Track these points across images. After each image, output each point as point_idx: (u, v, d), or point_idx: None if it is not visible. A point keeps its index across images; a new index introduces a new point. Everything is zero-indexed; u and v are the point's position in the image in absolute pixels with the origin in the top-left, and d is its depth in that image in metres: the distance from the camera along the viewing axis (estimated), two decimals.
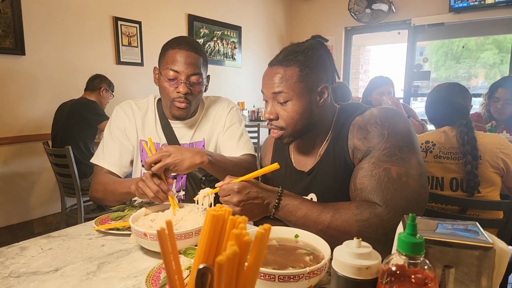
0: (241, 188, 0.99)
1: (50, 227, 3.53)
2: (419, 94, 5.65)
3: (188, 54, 1.35)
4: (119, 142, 1.47)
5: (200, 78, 1.38)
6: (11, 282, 0.87)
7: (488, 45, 5.67)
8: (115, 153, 1.47)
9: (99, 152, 1.48)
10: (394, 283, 0.56)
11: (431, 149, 1.78)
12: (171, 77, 1.35)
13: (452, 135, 1.75)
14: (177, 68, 1.34)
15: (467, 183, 1.68)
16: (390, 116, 1.07)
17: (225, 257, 0.37)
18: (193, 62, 1.35)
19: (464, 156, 1.68)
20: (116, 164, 1.46)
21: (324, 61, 1.11)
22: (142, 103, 1.54)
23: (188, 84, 1.36)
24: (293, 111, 1.08)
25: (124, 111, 1.50)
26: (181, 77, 1.35)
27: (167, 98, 1.40)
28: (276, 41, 6.25)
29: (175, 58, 1.34)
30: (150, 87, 4.51)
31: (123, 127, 1.49)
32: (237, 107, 1.62)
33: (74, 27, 3.55)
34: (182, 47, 1.35)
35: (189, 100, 1.39)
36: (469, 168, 1.66)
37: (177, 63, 1.34)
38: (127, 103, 1.53)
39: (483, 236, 0.62)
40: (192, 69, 1.35)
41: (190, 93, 1.38)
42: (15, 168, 3.28)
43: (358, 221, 0.95)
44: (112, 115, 1.52)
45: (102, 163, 1.46)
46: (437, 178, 1.75)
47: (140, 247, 1.06)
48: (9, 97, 3.17)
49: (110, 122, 1.51)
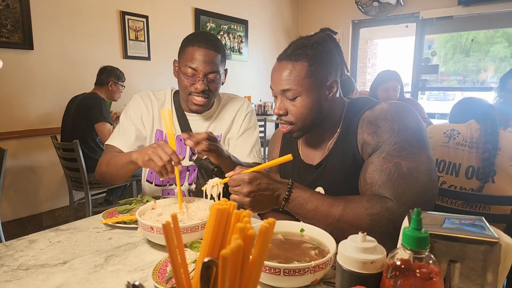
0: (252, 179, 0.99)
1: (59, 220, 3.57)
2: (427, 88, 5.60)
3: (206, 52, 1.36)
4: (135, 126, 1.49)
5: (217, 75, 1.40)
6: (20, 274, 0.88)
7: (498, 38, 5.59)
8: (131, 134, 1.48)
9: (115, 134, 1.50)
10: (399, 278, 0.56)
11: (455, 136, 1.83)
12: (189, 74, 1.37)
13: (476, 128, 1.80)
14: (196, 66, 1.36)
15: (483, 170, 1.70)
16: (400, 111, 1.06)
17: (229, 250, 0.37)
18: (211, 60, 1.37)
19: (485, 145, 1.73)
20: (130, 146, 1.46)
21: (333, 55, 1.10)
22: (160, 94, 1.56)
23: (206, 81, 1.38)
24: (302, 106, 1.08)
25: (143, 100, 1.52)
26: (199, 75, 1.37)
27: (185, 92, 1.42)
28: (282, 35, 6.22)
29: (194, 55, 1.36)
30: (157, 81, 4.54)
31: (140, 114, 1.50)
32: (253, 111, 1.64)
33: (82, 21, 3.57)
34: (202, 44, 1.36)
35: (207, 95, 1.41)
36: (486, 155, 1.70)
37: (196, 61, 1.36)
38: (146, 93, 1.55)
39: (489, 231, 0.61)
40: (210, 67, 1.37)
41: (208, 89, 1.40)
42: (24, 162, 3.32)
43: (369, 214, 0.94)
44: (130, 102, 1.54)
45: (116, 143, 1.47)
46: (454, 164, 1.78)
47: (147, 240, 1.07)
48: (17, 92, 3.20)
49: (128, 108, 1.53)
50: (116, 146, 1.46)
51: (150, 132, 1.51)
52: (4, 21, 3.03)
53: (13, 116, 3.19)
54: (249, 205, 0.99)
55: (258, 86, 5.75)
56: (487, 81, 5.74)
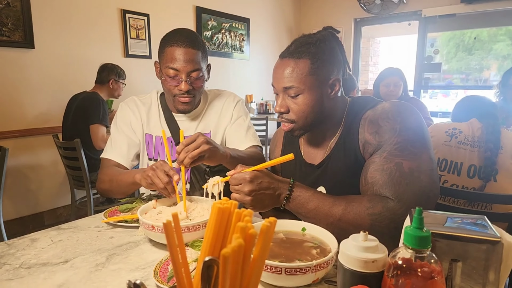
0: (253, 178, 0.98)
1: (60, 219, 3.58)
2: (429, 86, 5.58)
3: (186, 51, 1.33)
4: (126, 136, 1.49)
5: (200, 73, 1.38)
6: (22, 273, 0.89)
7: (501, 36, 5.56)
8: (123, 146, 1.48)
9: (108, 147, 1.50)
10: (400, 277, 0.56)
11: (457, 135, 1.82)
12: (171, 75, 1.35)
13: (478, 127, 1.80)
14: (177, 66, 1.33)
15: (484, 169, 1.70)
16: (403, 111, 1.06)
17: (230, 249, 0.37)
18: (192, 59, 1.34)
19: (486, 143, 1.72)
20: (124, 156, 1.47)
21: (336, 53, 1.10)
22: (146, 98, 1.56)
23: (189, 80, 1.36)
24: (304, 104, 1.07)
25: (129, 107, 1.52)
26: (181, 75, 1.35)
27: (170, 94, 1.41)
28: (284, 33, 6.21)
29: (173, 56, 1.33)
30: (157, 79, 4.49)
31: (129, 121, 1.50)
32: (242, 101, 1.62)
33: (83, 20, 3.57)
34: (180, 43, 1.33)
35: (192, 94, 1.40)
36: (488, 154, 1.70)
37: (176, 61, 1.33)
38: (131, 99, 1.55)
39: (491, 230, 0.61)
40: (191, 65, 1.34)
41: (192, 88, 1.38)
42: (25, 161, 3.33)
43: (370, 214, 0.94)
44: (117, 112, 1.54)
45: (110, 155, 1.47)
46: (455, 163, 1.78)
47: (148, 239, 1.07)
48: (18, 90, 3.20)
49: (116, 119, 1.53)
50: (111, 159, 1.46)
51: (141, 137, 1.51)
52: (4, 19, 3.03)
53: (14, 115, 3.20)
54: (250, 204, 0.99)
55: (259, 84, 5.75)
56: (489, 79, 5.71)
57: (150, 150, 1.51)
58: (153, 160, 1.50)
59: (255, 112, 5.58)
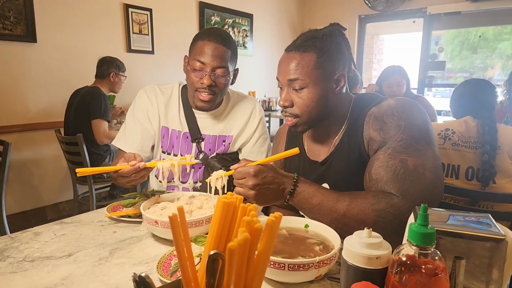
0: (258, 172, 0.98)
1: (63, 213, 3.59)
2: (433, 84, 5.56)
3: (216, 47, 1.34)
4: (141, 125, 1.47)
5: (225, 71, 1.37)
6: (26, 266, 0.89)
7: (506, 34, 5.52)
8: (136, 136, 1.46)
9: (121, 134, 1.49)
10: (404, 273, 0.56)
11: (450, 136, 1.78)
12: (197, 68, 1.35)
13: (473, 125, 1.75)
14: (204, 60, 1.34)
15: (483, 173, 1.66)
16: (408, 108, 1.05)
17: (236, 243, 0.37)
18: (220, 55, 1.35)
19: (483, 145, 1.67)
20: (137, 147, 1.45)
21: (342, 49, 1.09)
22: (167, 88, 1.53)
23: (213, 76, 1.36)
24: (308, 98, 1.07)
25: (148, 95, 1.49)
26: (206, 69, 1.34)
27: (191, 87, 1.40)
28: (288, 29, 6.19)
29: (203, 49, 1.34)
30: (160, 75, 4.54)
31: (146, 110, 1.48)
32: (264, 115, 1.62)
33: (85, 14, 3.56)
34: (212, 38, 1.34)
35: (213, 91, 1.38)
36: (486, 157, 1.66)
37: (204, 54, 1.34)
38: (151, 87, 1.52)
39: (495, 228, 0.61)
40: (218, 61, 1.34)
41: (215, 85, 1.37)
42: (28, 155, 3.34)
43: (374, 210, 0.94)
44: (136, 98, 1.52)
45: (123, 145, 1.46)
46: (453, 166, 1.75)
47: (151, 234, 1.07)
48: (20, 85, 3.21)
49: (134, 105, 1.51)
50: (120, 148, 1.46)
51: (157, 128, 1.49)
52: (7, 13, 3.03)
53: (16, 109, 3.20)
54: (253, 198, 0.98)
55: (262, 81, 5.73)
56: (494, 78, 5.68)
57: (165, 143, 1.49)
58: (167, 153, 1.49)
59: None
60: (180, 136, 1.48)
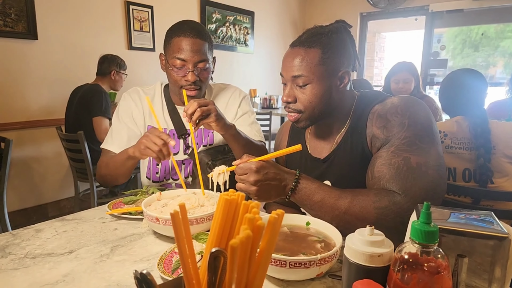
0: (260, 168, 0.98)
1: (64, 211, 3.60)
2: (435, 82, 5.54)
3: (193, 41, 1.33)
4: (126, 127, 1.48)
5: (207, 64, 1.38)
6: (27, 262, 0.89)
7: (509, 32, 5.50)
8: (123, 137, 1.47)
9: (108, 138, 1.50)
10: (406, 271, 0.56)
11: (443, 140, 1.73)
12: (178, 66, 1.34)
13: (465, 125, 1.71)
14: (184, 57, 1.33)
15: (480, 176, 1.65)
16: (411, 106, 1.05)
17: (238, 240, 0.37)
18: (199, 49, 1.34)
19: (477, 149, 1.64)
20: (124, 147, 1.45)
21: (347, 46, 1.09)
22: (149, 89, 1.55)
23: (196, 71, 1.36)
24: (312, 94, 1.06)
25: (132, 98, 1.51)
26: (188, 65, 1.34)
27: (175, 85, 1.40)
28: (289, 27, 6.17)
29: (180, 46, 1.33)
30: (161, 72, 4.48)
31: (131, 112, 1.50)
32: (247, 96, 1.62)
33: (86, 11, 3.56)
34: (188, 34, 1.33)
35: (199, 86, 1.39)
36: (481, 161, 1.63)
37: (183, 51, 1.33)
38: (134, 90, 1.54)
39: (498, 226, 0.61)
40: (198, 56, 1.34)
41: (199, 80, 1.38)
42: (29, 152, 3.34)
43: (376, 208, 0.94)
44: (120, 102, 1.54)
45: (110, 147, 1.47)
46: (449, 169, 1.72)
47: (152, 231, 1.07)
48: (21, 82, 3.21)
49: (118, 109, 1.52)
50: (110, 150, 1.46)
51: (143, 128, 1.50)
52: (8, 10, 3.02)
53: (17, 107, 3.20)
54: (255, 194, 0.98)
55: (264, 79, 5.72)
56: (496, 76, 5.66)
57: None
58: None
59: (259, 107, 5.55)
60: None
